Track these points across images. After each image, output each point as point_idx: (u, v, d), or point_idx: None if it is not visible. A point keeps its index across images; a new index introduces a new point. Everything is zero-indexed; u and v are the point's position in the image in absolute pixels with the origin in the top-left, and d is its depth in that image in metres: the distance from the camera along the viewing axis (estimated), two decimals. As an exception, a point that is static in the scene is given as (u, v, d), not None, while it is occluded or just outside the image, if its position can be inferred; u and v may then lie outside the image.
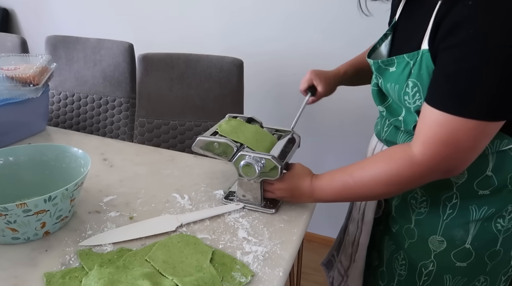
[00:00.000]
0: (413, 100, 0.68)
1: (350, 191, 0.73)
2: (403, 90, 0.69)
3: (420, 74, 0.65)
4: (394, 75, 0.71)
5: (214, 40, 1.83)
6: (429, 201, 0.76)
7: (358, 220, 0.91)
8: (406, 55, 0.68)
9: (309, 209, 0.86)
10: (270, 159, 0.79)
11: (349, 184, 0.72)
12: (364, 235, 0.89)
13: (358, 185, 0.71)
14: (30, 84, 1.10)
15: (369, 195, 0.75)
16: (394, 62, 0.71)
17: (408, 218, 0.79)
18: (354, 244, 0.93)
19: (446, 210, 0.74)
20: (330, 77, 1.01)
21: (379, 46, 0.81)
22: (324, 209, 1.93)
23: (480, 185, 0.70)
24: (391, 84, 0.72)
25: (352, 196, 0.78)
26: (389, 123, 0.80)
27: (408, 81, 0.67)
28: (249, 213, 0.84)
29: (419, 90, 0.66)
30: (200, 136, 0.86)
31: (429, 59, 0.63)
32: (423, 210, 0.77)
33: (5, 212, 0.65)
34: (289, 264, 0.71)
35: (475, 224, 0.72)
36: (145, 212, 0.83)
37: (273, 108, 1.84)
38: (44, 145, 0.87)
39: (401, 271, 0.82)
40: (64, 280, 0.63)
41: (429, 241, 0.76)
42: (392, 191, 0.72)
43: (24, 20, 2.25)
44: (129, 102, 1.63)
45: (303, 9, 1.62)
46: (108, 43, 1.62)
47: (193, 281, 0.61)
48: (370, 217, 0.87)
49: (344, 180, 0.73)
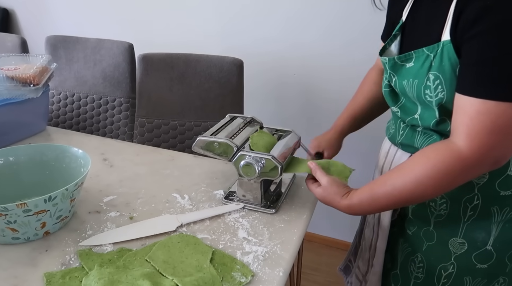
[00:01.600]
0: (435, 93, 0.66)
1: (396, 202, 0.70)
2: (423, 84, 0.68)
3: (441, 66, 0.64)
4: (413, 70, 0.70)
5: (214, 40, 1.83)
6: (449, 203, 0.74)
7: (374, 225, 0.90)
8: (425, 48, 0.67)
9: (309, 209, 0.86)
10: (270, 159, 0.79)
11: (394, 196, 0.68)
12: (381, 240, 0.88)
13: (405, 193, 0.67)
14: (30, 84, 1.10)
15: (417, 200, 0.71)
16: (412, 57, 0.70)
17: (426, 221, 0.78)
18: (371, 248, 0.92)
19: (467, 212, 0.73)
20: (333, 139, 1.00)
21: (389, 46, 0.80)
22: (324, 209, 1.93)
23: (502, 186, 0.70)
24: (408, 80, 0.71)
25: (400, 205, 0.75)
26: (404, 125, 0.79)
27: (429, 75, 0.66)
28: (249, 213, 0.84)
29: (441, 83, 0.65)
30: (200, 136, 0.86)
31: (451, 50, 0.62)
32: (443, 212, 0.75)
33: (5, 212, 0.65)
34: (289, 264, 0.71)
35: (497, 226, 0.72)
36: (145, 212, 0.83)
37: (273, 108, 1.84)
38: (44, 145, 0.87)
39: (418, 274, 0.81)
40: (64, 280, 0.63)
41: (449, 243, 0.75)
42: (442, 190, 0.68)
43: (24, 20, 2.25)
44: (129, 102, 1.63)
45: (304, 9, 1.62)
46: (108, 43, 1.62)
47: (193, 281, 0.61)
48: (386, 221, 0.85)
49: (387, 193, 0.69)
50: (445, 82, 0.65)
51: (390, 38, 0.80)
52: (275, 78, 1.79)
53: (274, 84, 1.80)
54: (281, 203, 0.87)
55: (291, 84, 1.76)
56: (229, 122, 0.96)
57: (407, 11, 0.78)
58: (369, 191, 0.71)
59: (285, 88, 1.79)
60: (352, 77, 1.64)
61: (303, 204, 0.88)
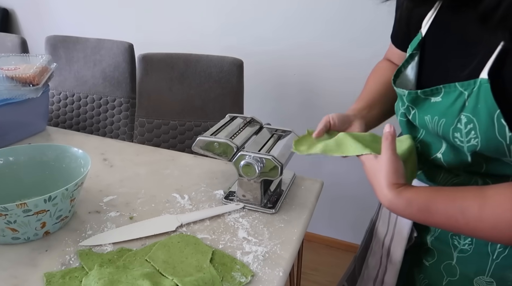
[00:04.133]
0: (467, 139, 0.56)
1: (455, 228, 0.57)
2: (453, 125, 0.57)
3: (477, 108, 0.54)
4: (440, 106, 0.59)
5: (214, 40, 1.83)
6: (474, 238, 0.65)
7: (382, 256, 0.80)
8: (458, 84, 0.56)
9: (309, 209, 0.86)
10: (270, 159, 0.79)
11: (457, 222, 0.55)
12: (391, 275, 0.77)
13: (471, 229, 0.55)
14: (30, 84, 1.10)
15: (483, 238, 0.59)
16: (440, 92, 0.59)
17: (448, 254, 0.69)
18: (377, 281, 0.81)
19: (496, 248, 0.64)
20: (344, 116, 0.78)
21: (404, 70, 0.68)
22: (324, 209, 1.94)
23: None
24: (433, 117, 0.60)
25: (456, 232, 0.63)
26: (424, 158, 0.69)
27: (461, 116, 0.56)
28: (249, 213, 0.84)
29: (475, 128, 0.55)
30: (200, 136, 0.86)
31: (488, 92, 0.52)
32: (468, 247, 0.66)
33: (5, 212, 0.65)
34: (289, 264, 0.71)
35: None
36: (145, 212, 0.83)
37: (273, 108, 1.84)
38: (44, 145, 0.87)
39: None
40: (64, 280, 0.63)
41: (474, 281, 0.67)
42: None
43: (24, 20, 2.25)
44: (129, 102, 1.63)
45: (303, 8, 1.62)
46: (108, 43, 1.62)
47: (193, 281, 0.61)
48: (399, 255, 0.74)
49: (450, 214, 0.56)
50: (479, 128, 0.54)
51: (406, 59, 0.68)
52: (275, 77, 1.79)
53: (274, 84, 1.81)
54: (281, 203, 0.87)
55: (291, 83, 1.76)
56: (229, 122, 0.96)
57: (428, 23, 0.66)
58: (428, 199, 0.57)
59: (285, 88, 1.79)
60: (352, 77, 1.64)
61: (303, 204, 0.88)
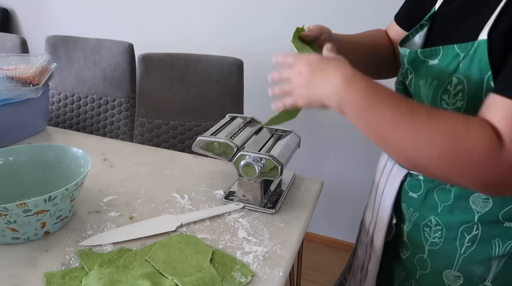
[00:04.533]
0: (453, 101, 0.59)
1: (396, 123, 0.53)
2: (443, 87, 0.60)
3: (469, 69, 0.56)
4: (435, 69, 0.61)
5: (214, 40, 1.83)
6: (444, 230, 0.68)
7: (367, 244, 0.83)
8: (456, 46, 0.58)
9: (309, 209, 0.86)
10: (270, 159, 0.79)
11: (401, 114, 0.52)
12: (373, 263, 0.80)
13: (411, 128, 0.51)
14: (30, 84, 1.10)
15: (407, 149, 0.53)
16: (438, 53, 0.60)
17: (421, 247, 0.72)
18: (363, 269, 0.85)
19: (464, 243, 0.66)
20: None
21: (412, 37, 0.69)
22: (324, 209, 1.94)
23: (507, 216, 0.62)
24: (427, 79, 0.62)
25: (392, 127, 0.54)
26: None
27: (453, 77, 0.58)
28: (249, 213, 0.84)
29: (463, 89, 0.57)
30: (200, 136, 0.86)
31: (484, 52, 0.54)
32: (438, 240, 0.69)
33: (5, 212, 0.65)
34: (289, 264, 0.71)
35: (498, 261, 0.64)
36: (145, 212, 0.83)
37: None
38: (44, 145, 0.87)
39: None
40: (64, 280, 0.63)
41: (443, 274, 0.69)
42: (443, 164, 0.51)
43: (24, 20, 2.25)
44: (129, 102, 1.63)
45: (302, 8, 1.62)
46: (108, 43, 1.62)
47: (193, 281, 0.61)
48: (380, 243, 0.78)
49: (399, 103, 0.53)
50: (468, 90, 0.57)
51: (415, 27, 0.69)
52: (275, 78, 1.79)
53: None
54: (281, 203, 0.87)
55: (291, 84, 1.76)
56: (229, 122, 0.96)
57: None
58: (383, 87, 0.55)
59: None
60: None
61: (303, 204, 0.88)
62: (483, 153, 0.49)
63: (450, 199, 0.66)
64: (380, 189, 0.79)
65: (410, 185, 0.73)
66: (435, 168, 0.52)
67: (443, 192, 0.67)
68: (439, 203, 0.68)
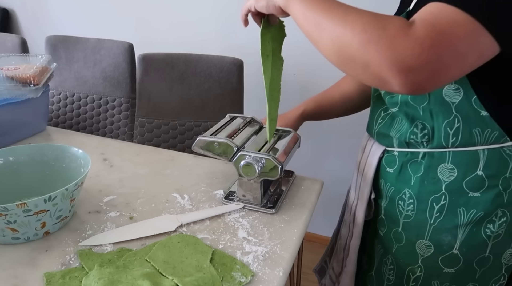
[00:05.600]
0: None
1: (328, 8, 0.60)
2: None
3: None
4: None
5: (214, 40, 1.83)
6: (416, 203, 0.74)
7: (350, 223, 0.89)
8: None
9: (309, 209, 0.86)
10: (270, 159, 0.79)
11: (334, 5, 0.60)
12: (355, 238, 0.86)
13: (340, 10, 0.58)
14: (30, 84, 1.10)
15: (336, 29, 0.57)
16: None
17: (396, 221, 0.78)
18: (346, 248, 0.91)
19: (434, 213, 0.72)
20: (291, 118, 1.00)
21: None
22: (324, 209, 1.93)
23: (470, 185, 0.69)
24: None
25: (319, 17, 0.60)
26: (385, 114, 0.77)
27: None
28: (249, 213, 0.84)
29: None
30: (200, 136, 0.86)
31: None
32: (411, 212, 0.75)
33: (5, 212, 0.65)
34: (289, 264, 0.71)
35: (463, 229, 0.71)
36: (145, 212, 0.83)
37: (273, 108, 1.84)
38: (44, 145, 0.87)
39: (389, 276, 0.81)
40: (64, 280, 0.63)
41: (416, 245, 0.75)
42: (360, 41, 0.55)
43: (24, 20, 2.25)
44: (129, 102, 1.63)
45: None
46: (108, 43, 1.62)
47: (193, 281, 0.61)
48: (360, 218, 0.84)
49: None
50: None
51: None
52: (275, 78, 1.79)
53: (274, 84, 1.80)
54: (281, 203, 0.87)
55: (291, 83, 1.76)
56: (229, 122, 0.96)
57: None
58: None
59: (284, 88, 1.78)
60: (352, 77, 1.64)
61: (303, 204, 0.88)
62: (396, 27, 0.53)
63: (421, 170, 0.72)
64: (361, 168, 0.85)
65: (387, 161, 0.79)
66: (356, 43, 0.55)
67: (415, 165, 0.73)
68: (412, 175, 0.74)
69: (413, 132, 0.72)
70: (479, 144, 0.67)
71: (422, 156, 0.72)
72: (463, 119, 0.66)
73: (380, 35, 0.53)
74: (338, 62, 0.60)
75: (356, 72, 0.58)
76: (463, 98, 0.65)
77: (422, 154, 0.72)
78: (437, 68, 0.52)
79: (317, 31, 0.61)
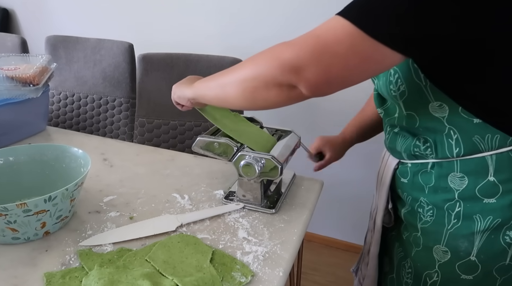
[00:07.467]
0: (397, 87, 0.68)
1: (216, 85, 0.72)
2: (388, 79, 0.70)
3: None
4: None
5: (214, 40, 1.83)
6: (434, 210, 0.73)
7: (371, 230, 0.91)
8: None
9: (309, 209, 0.87)
10: (270, 159, 0.79)
11: (218, 81, 0.71)
12: (374, 244, 0.88)
13: (229, 75, 0.68)
14: (30, 84, 1.10)
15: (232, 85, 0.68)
16: None
17: (415, 226, 0.78)
18: (369, 253, 0.92)
19: (451, 219, 0.71)
20: (338, 143, 1.05)
21: None
22: (324, 209, 1.94)
23: (483, 192, 0.67)
24: (380, 80, 0.73)
25: (215, 87, 0.73)
26: (390, 129, 0.80)
27: (391, 70, 0.69)
28: (249, 213, 0.84)
29: (400, 76, 0.67)
30: (200, 136, 0.86)
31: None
32: (429, 218, 0.75)
33: (5, 212, 0.65)
34: (289, 264, 0.71)
35: (480, 236, 0.69)
36: (145, 212, 0.83)
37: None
38: (44, 145, 0.87)
39: (407, 279, 0.81)
40: (64, 280, 0.63)
41: (433, 250, 0.74)
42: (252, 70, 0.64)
43: (24, 20, 2.25)
44: (129, 102, 1.63)
45: (304, 9, 1.62)
46: (108, 43, 1.62)
47: (193, 281, 0.61)
48: (379, 226, 0.86)
49: (215, 76, 0.73)
50: (402, 75, 0.67)
51: None
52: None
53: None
54: (281, 203, 0.87)
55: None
56: (229, 122, 0.96)
57: None
58: (204, 80, 0.77)
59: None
60: (352, 77, 1.64)
61: (303, 204, 0.88)
62: (280, 45, 0.62)
63: (432, 181, 0.72)
64: (379, 177, 0.87)
65: (401, 172, 0.80)
66: (250, 72, 0.64)
67: (425, 175, 0.74)
68: (424, 185, 0.74)
69: (416, 145, 0.72)
70: (485, 150, 0.65)
71: (432, 166, 0.72)
72: (458, 130, 0.66)
73: (267, 56, 0.62)
74: (248, 101, 0.67)
75: (263, 97, 0.64)
76: (450, 112, 0.65)
77: (431, 164, 0.72)
78: (320, 65, 0.57)
79: (222, 89, 0.70)
